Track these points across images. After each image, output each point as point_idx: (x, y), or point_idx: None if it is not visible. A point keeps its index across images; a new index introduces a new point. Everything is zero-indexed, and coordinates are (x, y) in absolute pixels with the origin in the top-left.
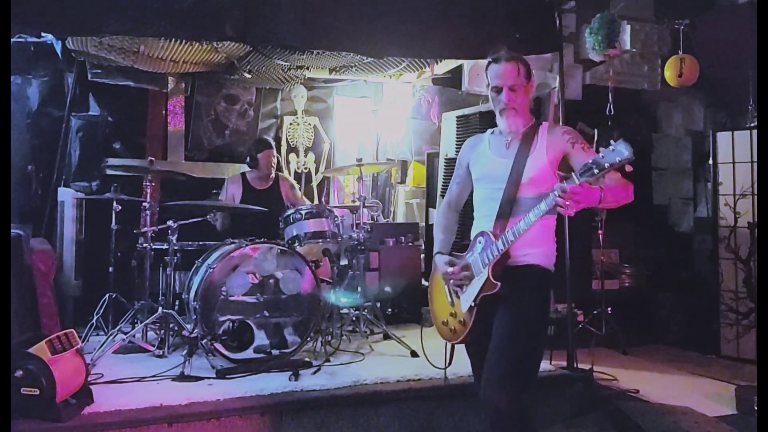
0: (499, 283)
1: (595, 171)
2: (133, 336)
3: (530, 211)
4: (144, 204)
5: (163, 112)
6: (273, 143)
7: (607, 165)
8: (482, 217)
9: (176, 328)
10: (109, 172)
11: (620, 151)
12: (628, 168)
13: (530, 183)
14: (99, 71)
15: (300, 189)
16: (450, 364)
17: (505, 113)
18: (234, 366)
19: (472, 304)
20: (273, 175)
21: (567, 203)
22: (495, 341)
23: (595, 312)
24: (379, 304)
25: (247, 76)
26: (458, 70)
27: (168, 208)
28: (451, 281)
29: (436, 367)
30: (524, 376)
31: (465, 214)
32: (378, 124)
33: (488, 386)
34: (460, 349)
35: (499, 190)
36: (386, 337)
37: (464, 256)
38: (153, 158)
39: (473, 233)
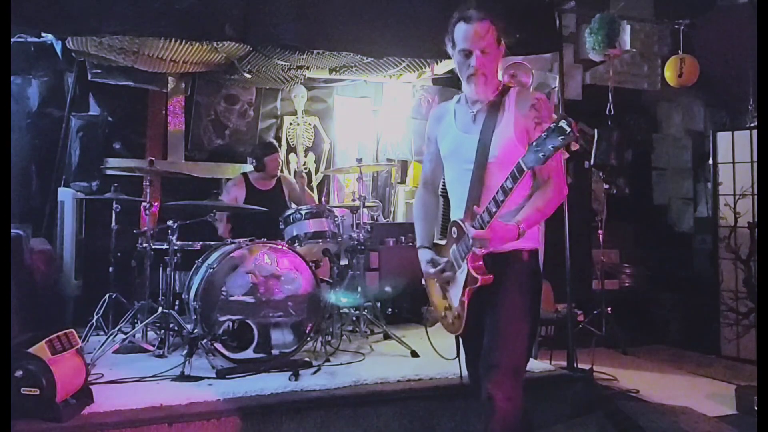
0: (480, 277)
1: (541, 156)
2: (133, 336)
3: (489, 201)
4: (144, 204)
5: (163, 112)
6: (278, 146)
7: (551, 147)
8: (454, 198)
9: (176, 328)
10: (109, 172)
11: (562, 128)
12: (574, 146)
13: (497, 163)
14: (99, 71)
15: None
16: (459, 354)
17: (474, 79)
18: (234, 366)
19: (462, 299)
20: (276, 175)
21: (480, 247)
22: (488, 334)
23: (595, 312)
24: (379, 304)
25: (247, 76)
26: None
27: (168, 208)
28: (437, 280)
29: (446, 359)
30: (519, 365)
31: None
32: (378, 124)
33: (485, 379)
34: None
35: (468, 171)
36: (386, 337)
37: (444, 246)
38: (153, 158)
39: (451, 217)
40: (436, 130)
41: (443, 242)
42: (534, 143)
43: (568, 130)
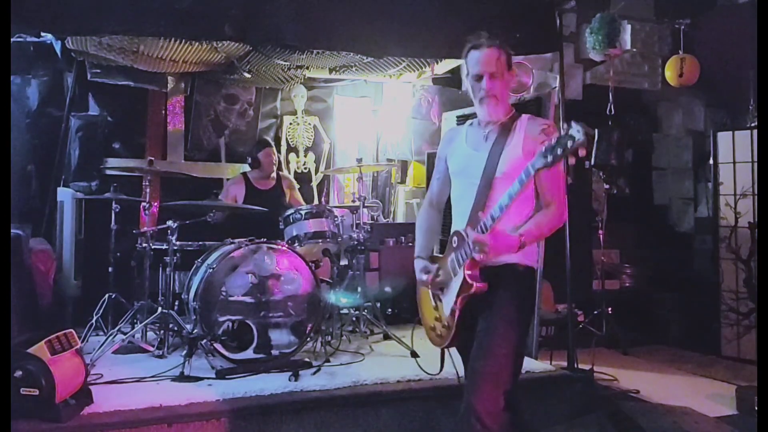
0: (474, 284)
1: (549, 159)
2: (133, 336)
3: (493, 207)
4: (143, 204)
5: (163, 112)
6: (272, 142)
7: (560, 151)
8: (458, 214)
9: (176, 328)
10: (108, 172)
11: (572, 135)
12: (581, 152)
13: (504, 178)
14: (98, 71)
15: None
16: (442, 369)
17: (486, 101)
18: (234, 366)
19: (454, 307)
20: (275, 174)
21: (480, 252)
22: (474, 350)
23: (595, 312)
24: (379, 304)
25: (247, 75)
26: (458, 70)
27: (168, 208)
28: (430, 287)
29: (428, 373)
30: (503, 378)
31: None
32: (378, 124)
33: (468, 395)
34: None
35: (474, 185)
36: (386, 337)
37: (442, 257)
38: (152, 158)
39: (452, 231)
40: (447, 150)
41: (441, 255)
42: (543, 149)
43: (577, 137)
